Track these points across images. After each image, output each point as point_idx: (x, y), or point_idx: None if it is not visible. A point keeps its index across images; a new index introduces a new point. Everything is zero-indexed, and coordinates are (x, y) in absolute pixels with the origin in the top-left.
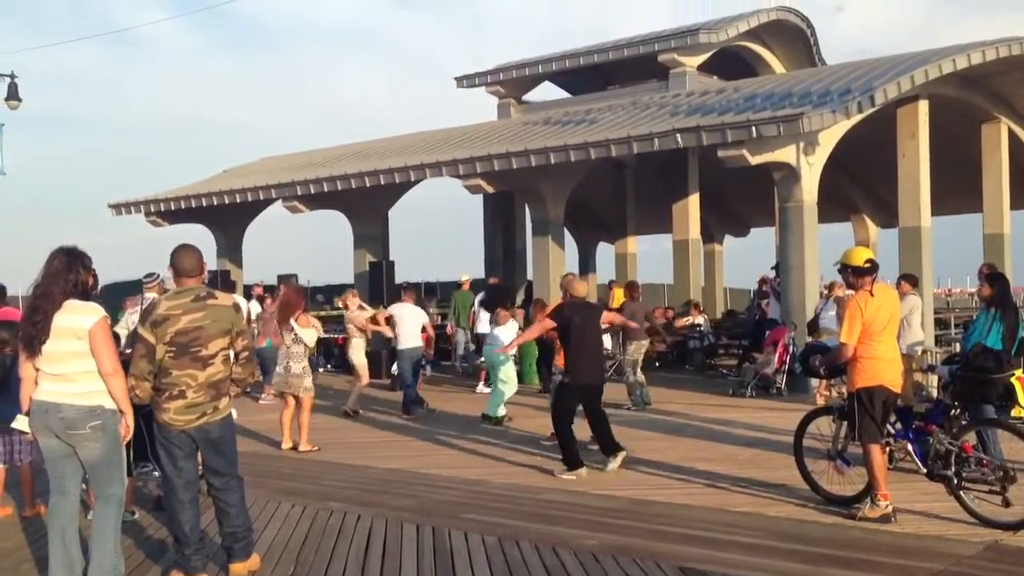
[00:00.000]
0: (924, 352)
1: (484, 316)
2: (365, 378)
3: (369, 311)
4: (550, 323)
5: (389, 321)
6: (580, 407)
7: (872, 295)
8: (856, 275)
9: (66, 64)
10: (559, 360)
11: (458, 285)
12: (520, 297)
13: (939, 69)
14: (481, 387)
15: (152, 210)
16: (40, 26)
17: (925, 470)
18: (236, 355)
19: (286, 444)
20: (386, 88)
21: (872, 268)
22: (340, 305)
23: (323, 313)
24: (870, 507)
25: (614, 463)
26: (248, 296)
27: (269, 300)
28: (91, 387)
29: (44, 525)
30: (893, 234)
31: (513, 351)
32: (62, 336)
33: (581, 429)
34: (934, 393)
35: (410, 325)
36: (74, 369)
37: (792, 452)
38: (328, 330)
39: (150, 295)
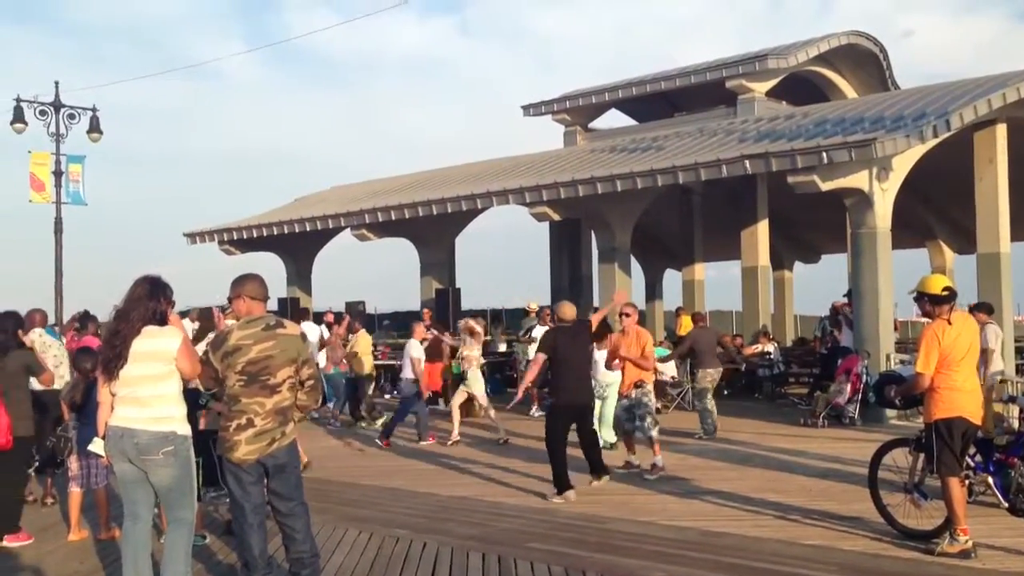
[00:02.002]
0: (1004, 382)
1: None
2: (483, 402)
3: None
4: (542, 358)
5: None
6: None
7: (950, 323)
8: (933, 303)
9: (145, 98)
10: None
11: (525, 312)
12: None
13: (1018, 92)
14: (535, 410)
15: (225, 239)
16: (120, 61)
17: (1007, 504)
18: (302, 383)
19: None
20: (453, 117)
21: (950, 296)
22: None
23: (391, 341)
24: (949, 542)
25: (598, 482)
26: (319, 322)
27: (336, 327)
28: (164, 412)
29: (118, 548)
30: (971, 260)
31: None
32: (140, 360)
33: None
34: (1015, 424)
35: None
36: (149, 393)
37: (866, 484)
38: (395, 356)
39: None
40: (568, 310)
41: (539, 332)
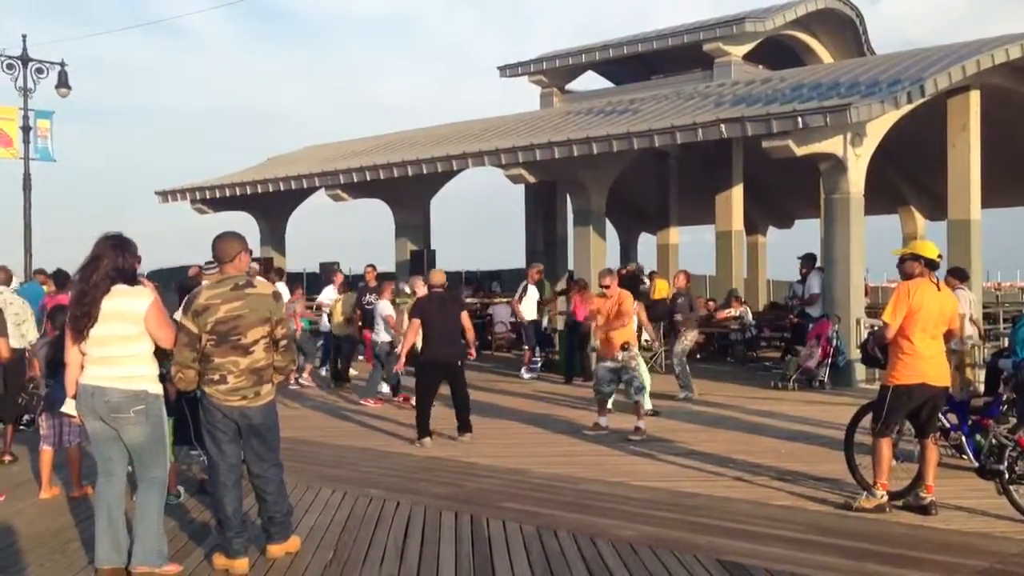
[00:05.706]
0: (973, 347)
1: (529, 305)
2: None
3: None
4: (416, 323)
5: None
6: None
7: (939, 289)
8: (928, 267)
9: (114, 53)
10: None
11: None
12: (561, 286)
13: (991, 59)
14: (524, 372)
15: (197, 197)
16: (89, 15)
17: (977, 464)
18: (276, 343)
19: None
20: (429, 78)
21: (939, 265)
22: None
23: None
24: (866, 496)
25: (463, 438)
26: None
27: (299, 290)
28: (136, 371)
29: (91, 506)
30: (941, 226)
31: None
32: (110, 320)
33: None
34: (981, 388)
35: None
36: (120, 353)
37: (834, 446)
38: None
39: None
40: (438, 276)
41: (532, 291)
